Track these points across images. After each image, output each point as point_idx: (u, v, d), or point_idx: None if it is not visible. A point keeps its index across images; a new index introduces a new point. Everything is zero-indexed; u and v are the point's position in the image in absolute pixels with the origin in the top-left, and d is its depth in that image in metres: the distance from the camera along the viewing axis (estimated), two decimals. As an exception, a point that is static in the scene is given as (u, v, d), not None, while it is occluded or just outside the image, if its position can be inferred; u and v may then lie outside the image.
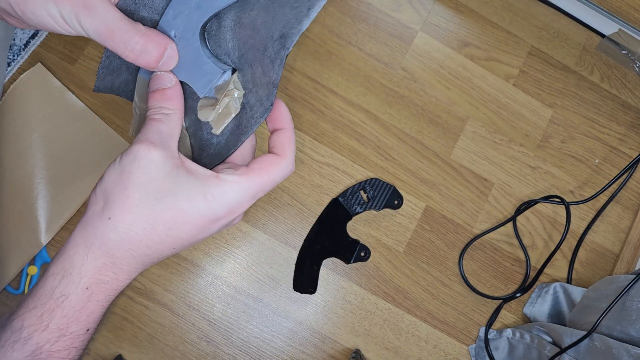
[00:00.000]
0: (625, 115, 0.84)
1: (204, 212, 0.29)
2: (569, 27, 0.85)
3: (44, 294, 0.29)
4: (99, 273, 0.29)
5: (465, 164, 0.80)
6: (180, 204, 0.29)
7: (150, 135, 0.29)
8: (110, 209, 0.29)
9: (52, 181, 0.70)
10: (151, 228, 0.29)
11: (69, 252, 0.29)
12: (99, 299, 0.29)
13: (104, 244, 0.29)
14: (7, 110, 0.70)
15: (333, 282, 0.75)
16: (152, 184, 0.28)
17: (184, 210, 0.29)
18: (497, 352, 0.74)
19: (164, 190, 0.29)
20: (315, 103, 0.78)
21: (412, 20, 0.82)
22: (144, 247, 0.29)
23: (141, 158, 0.28)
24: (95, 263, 0.29)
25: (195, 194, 0.29)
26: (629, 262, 0.78)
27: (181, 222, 0.29)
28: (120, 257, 0.29)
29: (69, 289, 0.29)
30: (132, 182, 0.28)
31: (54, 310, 0.28)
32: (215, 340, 0.72)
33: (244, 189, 0.30)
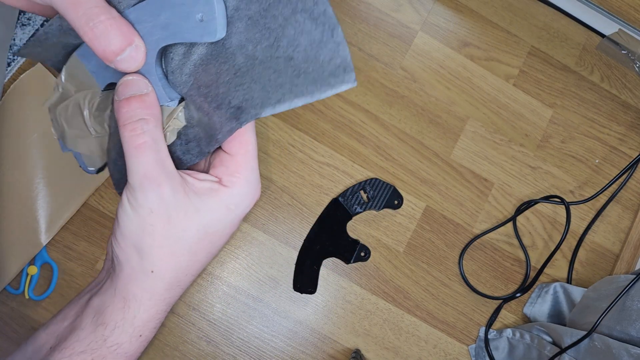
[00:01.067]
0: (625, 115, 0.84)
1: (233, 222, 0.30)
2: (569, 27, 0.85)
3: (94, 341, 0.28)
4: (152, 320, 0.30)
5: (465, 164, 0.80)
6: (209, 228, 0.29)
7: (150, 170, 0.26)
8: (149, 262, 0.28)
9: (51, 181, 0.70)
10: (193, 262, 0.29)
11: (116, 305, 0.29)
12: (148, 335, 0.30)
13: (155, 296, 0.29)
14: (7, 110, 0.70)
15: (333, 282, 0.75)
16: (176, 225, 0.28)
17: (215, 231, 0.29)
18: (497, 352, 0.74)
19: (189, 224, 0.28)
20: (315, 103, 0.78)
21: (412, 20, 0.82)
22: (190, 277, 0.30)
23: (158, 207, 0.27)
24: (149, 313, 0.29)
25: (219, 212, 0.29)
26: (629, 262, 0.78)
27: (217, 241, 0.30)
28: (172, 297, 0.30)
29: (122, 338, 0.29)
30: (159, 232, 0.28)
31: (105, 356, 0.29)
32: (215, 340, 0.72)
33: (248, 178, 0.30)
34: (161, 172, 0.27)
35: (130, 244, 0.28)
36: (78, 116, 0.30)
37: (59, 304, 0.70)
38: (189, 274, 0.30)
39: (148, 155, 0.26)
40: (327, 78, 0.25)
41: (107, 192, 0.73)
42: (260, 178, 0.33)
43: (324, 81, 0.25)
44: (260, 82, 0.26)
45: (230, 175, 0.29)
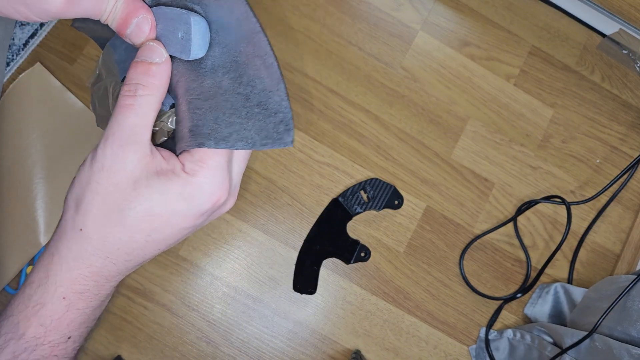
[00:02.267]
0: (626, 115, 0.84)
1: (184, 213, 0.28)
2: (569, 27, 0.85)
3: (21, 302, 0.28)
4: (76, 283, 0.28)
5: (465, 164, 0.79)
6: (156, 209, 0.27)
7: (121, 133, 0.27)
8: (82, 220, 0.27)
9: (51, 181, 0.70)
10: (128, 237, 0.27)
11: (44, 261, 0.28)
12: (80, 307, 0.28)
13: (80, 256, 0.28)
14: (6, 110, 0.70)
15: (333, 282, 0.75)
16: (122, 192, 0.27)
17: (160, 215, 0.27)
18: (498, 352, 0.74)
19: (136, 198, 0.27)
20: (315, 103, 0.78)
21: (412, 20, 0.82)
22: (124, 255, 0.28)
23: (110, 166, 0.26)
24: (71, 274, 0.28)
25: (171, 197, 0.27)
26: (629, 263, 0.78)
27: (161, 227, 0.28)
28: (100, 266, 0.28)
29: (45, 297, 0.27)
30: (101, 192, 0.27)
31: (29, 318, 0.27)
32: (214, 341, 0.72)
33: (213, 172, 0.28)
34: (130, 136, 0.26)
35: (73, 197, 0.28)
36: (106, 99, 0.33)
37: (58, 304, 0.70)
38: (122, 250, 0.28)
39: (127, 116, 0.27)
40: (271, 131, 0.27)
41: (106, 192, 0.72)
42: (260, 178, 0.32)
43: (267, 133, 0.27)
44: (215, 113, 0.28)
45: (192, 163, 0.27)
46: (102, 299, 0.29)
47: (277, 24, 0.79)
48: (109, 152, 0.26)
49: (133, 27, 0.27)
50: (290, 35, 0.79)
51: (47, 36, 0.74)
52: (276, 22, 0.79)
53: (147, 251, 0.28)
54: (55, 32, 0.75)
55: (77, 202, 0.27)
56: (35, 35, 0.74)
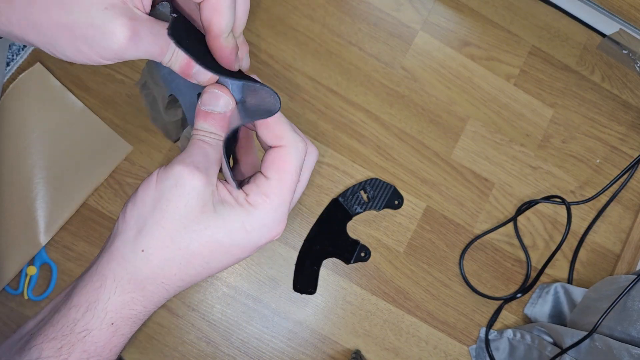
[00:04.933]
0: (626, 115, 0.83)
1: (243, 244, 0.28)
2: (569, 27, 0.85)
3: (66, 326, 0.26)
4: (126, 308, 0.27)
5: (465, 164, 0.79)
6: (219, 237, 0.27)
7: (197, 157, 0.27)
8: (144, 240, 0.26)
9: (51, 181, 0.70)
10: (187, 263, 0.27)
11: (94, 284, 0.27)
12: (124, 332, 0.27)
13: (135, 279, 0.27)
14: (6, 110, 0.70)
15: (333, 282, 0.75)
16: (191, 214, 0.26)
17: (222, 244, 0.27)
18: (498, 352, 0.74)
19: (203, 222, 0.27)
20: (315, 103, 0.78)
21: (412, 20, 0.82)
22: (178, 281, 0.28)
23: (184, 184, 0.26)
24: (124, 298, 0.27)
25: (234, 226, 0.27)
26: (629, 263, 0.78)
27: (219, 255, 0.28)
28: (152, 291, 0.27)
29: (92, 324, 0.26)
30: (171, 212, 0.26)
31: (74, 344, 0.26)
32: (214, 341, 0.72)
33: (276, 207, 0.28)
34: (204, 167, 0.27)
35: (136, 214, 0.27)
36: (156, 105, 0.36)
37: (58, 304, 0.70)
38: (178, 276, 0.27)
39: (203, 149, 0.28)
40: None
41: (106, 192, 0.73)
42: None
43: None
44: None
45: (257, 195, 0.28)
46: (140, 324, 0.29)
47: (277, 24, 0.79)
48: (185, 172, 0.26)
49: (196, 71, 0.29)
50: (290, 35, 0.79)
51: (47, 36, 0.74)
52: (276, 22, 0.79)
53: (200, 278, 0.28)
54: (55, 32, 0.75)
55: (141, 221, 0.26)
56: (35, 35, 0.74)
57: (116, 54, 0.26)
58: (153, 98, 0.36)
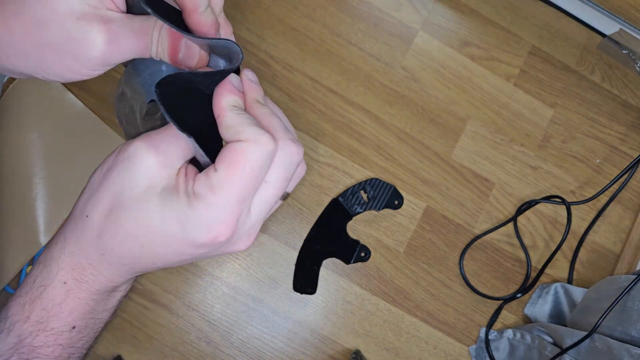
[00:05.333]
0: (626, 115, 0.83)
1: (179, 237, 0.25)
2: (569, 27, 0.85)
3: (28, 283, 0.28)
4: (76, 270, 0.27)
5: (465, 164, 0.79)
6: (153, 221, 0.25)
7: (162, 138, 0.26)
8: (89, 206, 0.27)
9: (51, 181, 0.70)
10: (122, 239, 0.26)
11: (51, 243, 0.28)
12: (81, 297, 0.27)
13: (79, 243, 0.27)
14: (7, 110, 0.70)
15: (333, 282, 0.75)
16: (133, 191, 0.25)
17: (156, 230, 0.25)
18: (498, 352, 0.74)
19: (142, 202, 0.25)
20: (315, 103, 0.78)
21: (412, 20, 0.82)
22: (117, 257, 0.27)
23: (135, 160, 0.26)
24: (72, 260, 0.27)
25: (170, 215, 0.25)
26: (629, 263, 0.78)
27: (154, 242, 0.26)
28: (96, 261, 0.27)
29: (47, 280, 0.27)
30: (116, 184, 0.26)
31: (34, 300, 0.27)
32: (214, 341, 0.72)
33: (222, 203, 0.24)
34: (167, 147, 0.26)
35: (92, 180, 0.28)
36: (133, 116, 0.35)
37: (58, 304, 0.70)
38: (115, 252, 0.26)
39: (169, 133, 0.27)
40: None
41: (106, 192, 0.73)
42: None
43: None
44: None
45: (203, 186, 0.25)
46: (101, 295, 0.29)
47: (277, 24, 0.79)
48: (142, 147, 0.26)
49: (184, 51, 0.27)
50: (290, 35, 0.79)
51: (47, 36, 0.74)
52: (276, 22, 0.79)
53: (141, 261, 0.27)
54: (55, 32, 0.75)
55: (94, 187, 0.27)
56: (35, 35, 0.74)
57: (101, 61, 0.26)
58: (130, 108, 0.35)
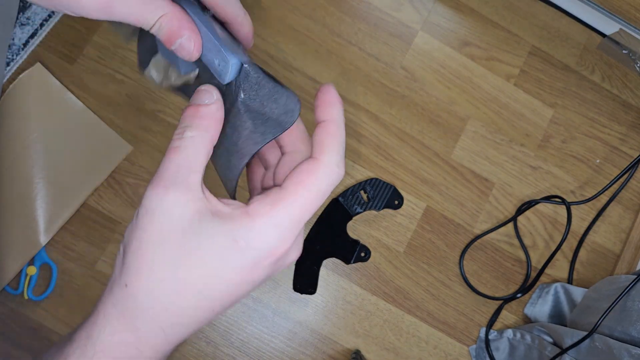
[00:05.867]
0: (626, 115, 0.83)
1: (239, 264, 0.23)
2: (569, 27, 0.85)
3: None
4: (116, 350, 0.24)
5: (465, 164, 0.79)
6: (207, 259, 0.23)
7: (165, 174, 0.24)
8: (126, 273, 0.24)
9: (51, 181, 0.70)
10: (176, 294, 0.23)
11: (89, 319, 0.25)
12: None
13: (124, 316, 0.24)
14: (6, 110, 0.70)
15: (333, 282, 0.75)
16: (169, 240, 0.23)
17: (212, 268, 0.23)
18: (498, 352, 0.74)
19: (186, 245, 0.23)
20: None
21: (412, 20, 0.82)
22: (173, 317, 0.24)
23: (153, 210, 0.23)
24: (113, 338, 0.24)
25: (224, 244, 0.23)
26: (629, 263, 0.78)
27: (213, 282, 0.23)
28: (145, 331, 0.24)
29: None
30: (146, 241, 0.23)
31: None
32: (214, 341, 0.72)
33: (282, 220, 0.23)
34: (174, 177, 0.24)
35: (122, 246, 0.25)
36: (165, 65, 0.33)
37: (57, 304, 0.70)
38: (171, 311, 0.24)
39: (171, 159, 0.24)
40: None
41: (106, 192, 0.73)
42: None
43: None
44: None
45: (261, 205, 0.23)
46: None
47: (277, 23, 0.79)
48: (153, 194, 0.23)
49: (177, 46, 0.26)
50: (290, 35, 0.79)
51: (47, 36, 0.74)
52: (276, 22, 0.79)
53: (201, 312, 0.24)
54: (55, 31, 0.75)
55: (124, 253, 0.24)
56: (35, 35, 0.74)
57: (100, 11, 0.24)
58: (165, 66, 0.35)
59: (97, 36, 0.75)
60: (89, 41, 0.75)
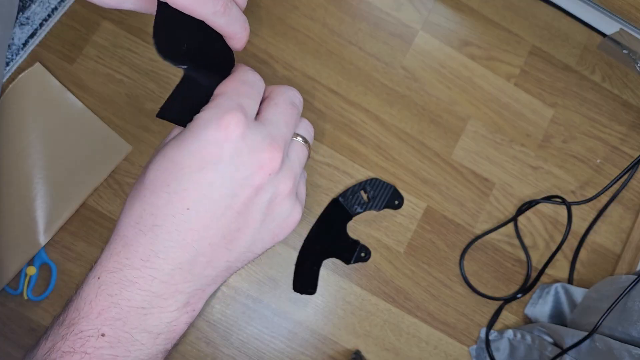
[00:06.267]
0: (626, 115, 0.83)
1: (184, 162, 0.25)
2: (570, 27, 0.85)
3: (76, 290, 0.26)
4: (110, 259, 0.25)
5: (466, 164, 0.79)
6: (168, 154, 0.26)
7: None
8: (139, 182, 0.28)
9: (50, 181, 0.70)
10: (150, 194, 0.25)
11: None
12: (111, 292, 0.24)
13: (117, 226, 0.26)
14: (6, 110, 0.70)
15: (333, 282, 0.75)
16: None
17: (173, 160, 0.25)
18: (498, 353, 0.74)
19: (162, 147, 0.27)
20: (315, 102, 0.78)
21: (412, 20, 0.82)
22: (150, 217, 0.25)
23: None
24: (109, 251, 0.25)
25: (180, 136, 0.26)
26: (630, 263, 0.77)
27: (175, 174, 0.25)
28: (131, 237, 0.25)
29: (86, 279, 0.25)
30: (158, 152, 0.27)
31: (71, 302, 0.25)
32: (214, 341, 0.72)
33: (218, 101, 0.26)
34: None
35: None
36: None
37: (58, 304, 0.70)
38: (147, 210, 0.25)
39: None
40: None
41: (105, 192, 0.72)
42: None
43: None
44: None
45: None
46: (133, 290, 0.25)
47: (277, 23, 0.79)
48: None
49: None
50: (290, 35, 0.79)
51: (46, 36, 0.74)
52: (276, 22, 0.79)
53: (173, 210, 0.25)
54: (55, 31, 0.75)
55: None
56: (34, 35, 0.74)
57: None
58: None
59: (96, 36, 0.75)
60: (88, 41, 0.75)
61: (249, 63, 0.77)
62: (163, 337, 0.26)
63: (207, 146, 0.25)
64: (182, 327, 0.28)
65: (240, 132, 0.25)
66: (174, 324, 0.27)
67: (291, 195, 0.29)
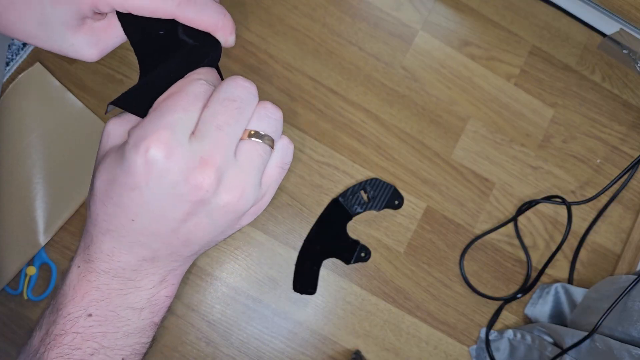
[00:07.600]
0: (626, 115, 0.83)
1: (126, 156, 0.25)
2: (570, 27, 0.85)
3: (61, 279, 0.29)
4: (86, 250, 0.28)
5: (466, 164, 0.79)
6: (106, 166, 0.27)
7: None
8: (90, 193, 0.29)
9: (50, 181, 0.70)
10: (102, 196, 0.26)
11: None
12: (90, 279, 0.27)
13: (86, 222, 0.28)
14: (6, 110, 0.70)
15: (333, 282, 0.74)
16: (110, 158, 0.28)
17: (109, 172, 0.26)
18: (498, 353, 0.74)
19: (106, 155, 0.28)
20: (315, 102, 0.78)
21: (412, 20, 0.82)
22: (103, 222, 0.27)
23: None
24: (82, 243, 0.28)
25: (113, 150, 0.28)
26: (630, 263, 0.77)
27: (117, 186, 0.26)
28: (94, 235, 0.27)
29: (70, 267, 0.28)
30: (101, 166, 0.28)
31: (58, 289, 0.28)
32: (214, 342, 0.72)
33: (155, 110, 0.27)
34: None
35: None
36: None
37: (57, 304, 0.70)
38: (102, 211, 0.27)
39: None
40: None
41: (106, 192, 0.72)
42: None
43: None
44: None
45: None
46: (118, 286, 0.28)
47: (277, 23, 0.79)
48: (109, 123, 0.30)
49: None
50: (290, 35, 0.79)
51: (46, 36, 0.74)
52: (276, 22, 0.79)
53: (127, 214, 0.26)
54: (54, 31, 0.75)
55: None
56: (34, 35, 0.73)
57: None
58: None
59: (96, 36, 0.75)
60: (88, 41, 0.75)
61: (249, 63, 0.78)
62: (147, 311, 0.29)
63: (135, 168, 0.24)
64: (163, 300, 0.30)
65: (164, 154, 0.24)
66: (154, 298, 0.30)
67: (241, 200, 0.26)
